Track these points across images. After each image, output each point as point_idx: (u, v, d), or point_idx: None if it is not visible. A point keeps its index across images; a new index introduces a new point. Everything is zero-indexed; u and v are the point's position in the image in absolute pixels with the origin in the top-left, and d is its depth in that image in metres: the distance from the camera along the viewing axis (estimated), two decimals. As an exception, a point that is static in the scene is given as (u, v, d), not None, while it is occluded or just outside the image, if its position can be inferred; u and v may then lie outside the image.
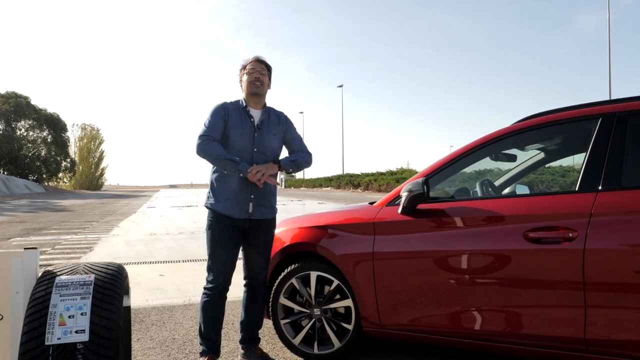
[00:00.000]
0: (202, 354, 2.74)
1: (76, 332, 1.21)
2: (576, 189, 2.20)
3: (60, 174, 43.77)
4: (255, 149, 2.74)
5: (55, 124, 40.24)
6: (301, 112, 59.00)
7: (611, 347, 2.04)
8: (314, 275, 2.82)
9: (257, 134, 2.75)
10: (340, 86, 44.10)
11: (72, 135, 48.12)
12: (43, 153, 40.37)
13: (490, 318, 2.29)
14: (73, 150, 46.94)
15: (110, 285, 1.33)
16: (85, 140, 49.47)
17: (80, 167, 47.84)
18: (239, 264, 2.79)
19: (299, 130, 3.03)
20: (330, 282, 2.79)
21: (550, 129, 2.44)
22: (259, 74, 2.77)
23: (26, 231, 10.34)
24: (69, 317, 1.24)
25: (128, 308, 1.59)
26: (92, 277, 1.34)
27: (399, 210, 2.56)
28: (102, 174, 52.14)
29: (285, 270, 2.93)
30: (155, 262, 6.57)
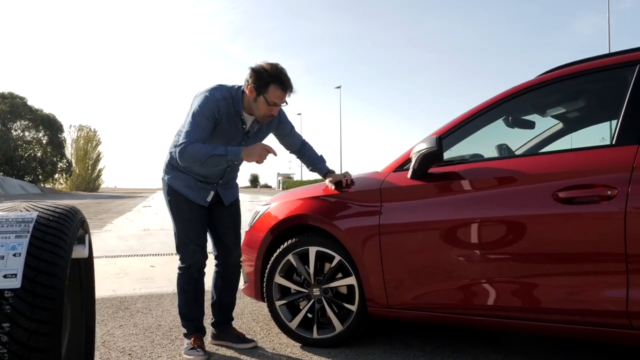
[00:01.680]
0: (187, 335, 2.47)
1: (5, 276, 0.93)
2: (613, 143, 1.93)
3: (57, 175, 43.38)
4: None
5: (51, 125, 39.87)
6: (299, 114, 58.80)
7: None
8: (313, 250, 2.53)
9: (244, 142, 2.46)
10: (339, 87, 43.97)
11: (69, 136, 47.72)
12: (39, 154, 39.99)
13: (517, 292, 2.01)
14: (69, 151, 46.51)
15: (57, 225, 1.05)
16: (82, 142, 49.01)
17: (77, 169, 47.42)
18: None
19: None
20: (331, 259, 2.50)
21: (579, 80, 2.16)
22: (275, 110, 2.35)
23: (16, 227, 10.06)
24: (-3, 257, 0.96)
25: (88, 263, 1.32)
26: (34, 214, 1.06)
27: (409, 175, 2.28)
28: (99, 176, 51.70)
29: (281, 247, 2.64)
30: (147, 255, 6.31)
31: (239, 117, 2.40)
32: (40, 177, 40.35)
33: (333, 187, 2.54)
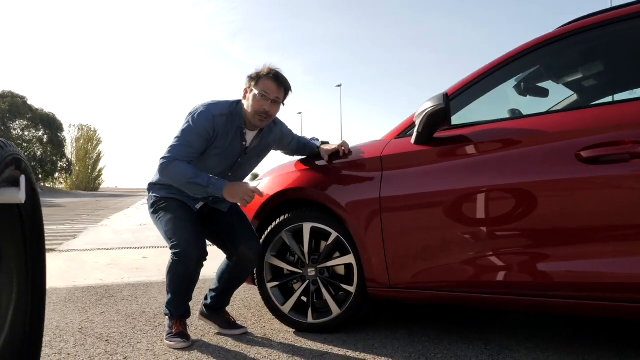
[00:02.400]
0: (170, 318, 2.25)
1: None
2: (643, 96, 1.71)
3: (57, 175, 43.14)
4: (230, 174, 2.31)
5: (51, 124, 39.59)
6: (299, 113, 58.54)
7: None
8: (307, 227, 2.31)
9: (241, 159, 2.28)
10: (339, 86, 43.56)
11: (69, 135, 47.54)
12: (39, 153, 39.75)
13: (535, 267, 1.79)
14: (70, 150, 46.32)
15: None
16: (82, 141, 48.80)
17: (77, 168, 47.20)
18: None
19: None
20: (327, 236, 2.29)
21: (602, 30, 1.93)
22: (270, 105, 2.16)
23: (10, 222, 9.88)
24: None
25: (32, 210, 1.10)
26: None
27: (412, 140, 2.06)
28: (99, 175, 51.47)
29: (273, 224, 2.42)
30: (141, 248, 6.11)
31: (240, 132, 2.22)
32: (40, 176, 40.16)
33: (327, 158, 2.32)
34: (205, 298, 2.46)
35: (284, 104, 2.26)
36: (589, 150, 1.67)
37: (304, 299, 2.37)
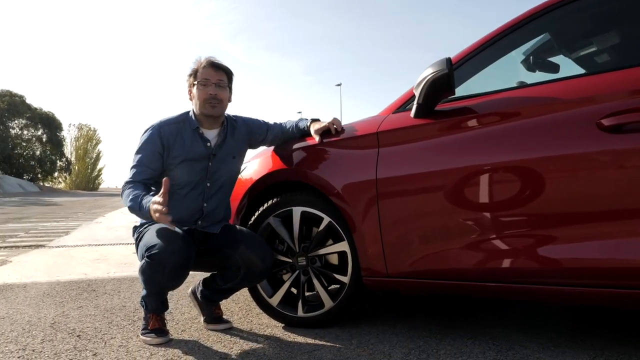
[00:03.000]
0: (146, 312, 2.06)
1: None
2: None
3: (56, 174, 42.97)
4: (208, 184, 2.09)
5: (50, 123, 39.45)
6: (299, 112, 58.48)
7: None
8: (297, 212, 2.12)
9: (211, 163, 2.07)
10: (339, 85, 43.26)
11: (69, 135, 47.38)
12: (38, 152, 39.62)
13: (551, 252, 1.59)
14: (69, 150, 46.10)
15: None
16: (81, 141, 48.51)
17: (77, 167, 46.98)
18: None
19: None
20: (319, 221, 2.09)
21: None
22: (215, 89, 2.03)
23: (5, 219, 9.69)
24: None
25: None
26: None
27: (412, 113, 1.86)
28: (98, 175, 51.15)
29: (260, 209, 2.22)
30: (133, 244, 5.91)
31: (197, 133, 2.07)
32: (39, 175, 39.99)
33: (319, 138, 2.12)
34: (205, 285, 2.21)
35: (231, 89, 2.11)
36: (611, 118, 1.47)
37: (294, 290, 2.18)
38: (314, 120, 2.21)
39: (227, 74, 2.09)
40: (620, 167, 1.49)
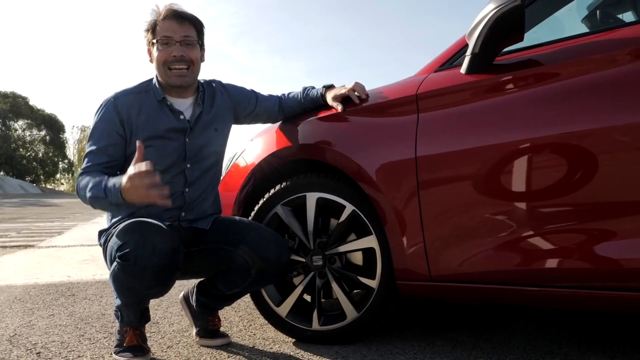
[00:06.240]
0: (120, 325, 1.64)
1: None
2: None
3: (58, 176, 42.81)
4: (188, 165, 1.64)
5: (52, 125, 39.35)
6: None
7: None
8: (312, 198, 1.69)
9: (188, 139, 1.63)
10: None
11: (71, 137, 47.40)
12: (40, 154, 39.46)
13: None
14: (72, 152, 46.10)
15: None
16: (84, 143, 48.61)
17: (79, 169, 46.96)
18: None
19: None
20: (339, 211, 1.66)
21: None
22: (179, 48, 1.58)
23: (1, 219, 9.36)
24: None
25: None
26: None
27: (464, 68, 1.44)
28: (101, 177, 51.18)
29: (266, 195, 1.80)
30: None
31: (165, 105, 1.62)
32: (41, 177, 39.78)
33: (341, 107, 1.69)
34: (202, 291, 1.79)
35: (202, 45, 1.67)
36: None
37: (307, 297, 1.75)
38: (327, 88, 1.77)
39: (196, 25, 1.64)
40: None
